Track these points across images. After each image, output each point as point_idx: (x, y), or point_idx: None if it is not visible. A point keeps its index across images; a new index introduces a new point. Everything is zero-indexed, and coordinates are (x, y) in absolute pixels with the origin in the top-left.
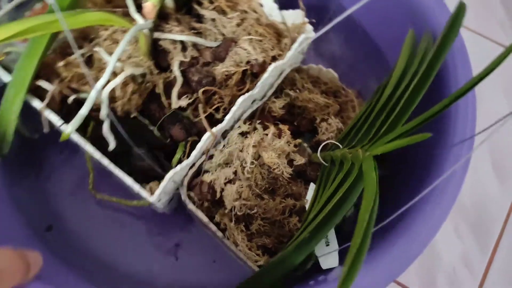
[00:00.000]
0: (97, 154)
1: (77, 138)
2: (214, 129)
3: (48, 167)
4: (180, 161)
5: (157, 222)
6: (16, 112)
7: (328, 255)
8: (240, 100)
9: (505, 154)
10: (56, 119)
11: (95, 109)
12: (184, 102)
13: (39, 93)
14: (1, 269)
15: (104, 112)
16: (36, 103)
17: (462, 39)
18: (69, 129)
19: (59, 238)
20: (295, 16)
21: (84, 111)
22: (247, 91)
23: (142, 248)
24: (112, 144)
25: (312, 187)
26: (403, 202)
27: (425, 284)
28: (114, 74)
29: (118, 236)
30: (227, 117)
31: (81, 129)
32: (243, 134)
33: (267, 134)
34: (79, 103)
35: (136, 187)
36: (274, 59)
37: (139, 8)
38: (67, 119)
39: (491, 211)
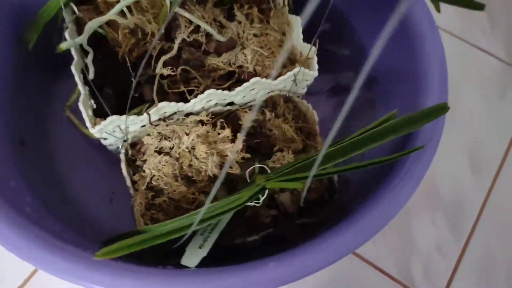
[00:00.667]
0: (78, 78)
1: (74, 51)
2: (165, 103)
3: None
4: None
5: (108, 162)
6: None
7: (194, 255)
8: (209, 91)
9: (480, 147)
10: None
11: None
12: (165, 71)
13: None
14: None
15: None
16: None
17: None
18: (78, 39)
19: (30, 156)
20: (309, 50)
21: (91, 24)
22: (223, 89)
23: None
24: (91, 74)
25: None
26: None
27: (401, 270)
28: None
29: (79, 166)
30: (192, 101)
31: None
32: (201, 123)
33: (219, 134)
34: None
35: (83, 109)
36: (267, 76)
37: None
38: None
39: (466, 203)
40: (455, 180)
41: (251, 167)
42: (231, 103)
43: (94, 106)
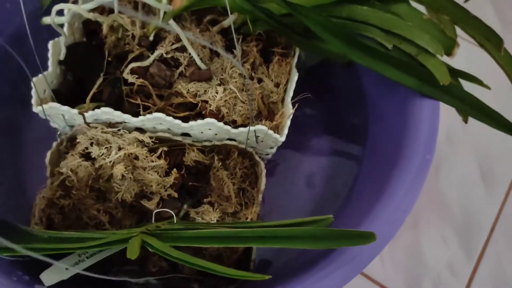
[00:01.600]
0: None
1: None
2: (107, 109)
3: None
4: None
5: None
6: None
7: (56, 273)
8: (157, 115)
9: (492, 161)
10: None
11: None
12: (130, 78)
13: None
14: None
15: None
16: None
17: None
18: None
19: None
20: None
21: (74, 8)
22: (178, 118)
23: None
24: (61, 55)
25: None
26: None
27: None
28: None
29: None
30: (140, 117)
31: None
32: (141, 143)
33: (152, 161)
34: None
35: (34, 85)
36: (233, 122)
37: None
38: None
39: (478, 218)
40: (466, 194)
41: (175, 208)
42: (187, 134)
43: (52, 88)
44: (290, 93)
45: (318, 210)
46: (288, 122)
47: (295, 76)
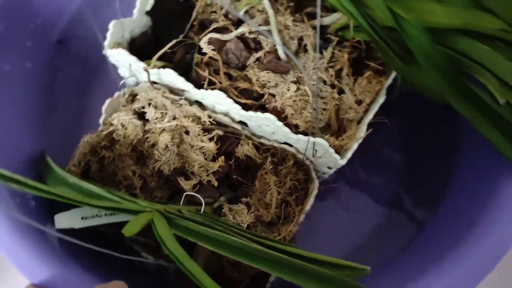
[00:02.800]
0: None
1: None
2: (170, 72)
3: None
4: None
5: None
6: None
7: (70, 219)
8: (217, 93)
9: None
10: None
11: None
12: (206, 48)
13: None
14: None
15: None
16: None
17: None
18: None
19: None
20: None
21: None
22: (238, 103)
23: None
24: (148, 6)
25: None
26: None
27: None
28: None
29: None
30: (201, 91)
31: None
32: (196, 119)
33: (203, 141)
34: None
35: (112, 27)
36: (295, 127)
37: None
38: None
39: None
40: None
41: (210, 197)
42: (245, 124)
43: (131, 36)
44: (370, 115)
45: (356, 256)
46: (355, 146)
47: (381, 98)
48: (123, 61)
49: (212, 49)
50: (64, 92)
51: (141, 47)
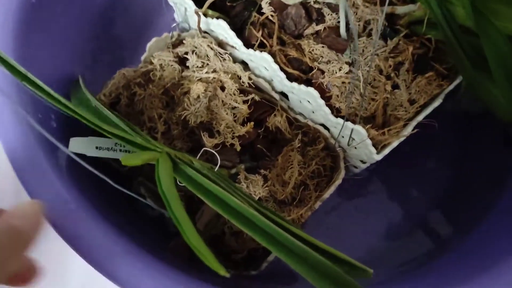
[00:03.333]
0: None
1: None
2: (222, 23)
3: None
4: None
5: None
6: None
7: (84, 144)
8: (264, 54)
9: None
10: None
11: None
12: (266, 7)
13: None
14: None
15: None
16: None
17: None
18: None
19: None
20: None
21: None
22: (284, 71)
23: None
24: None
25: None
26: None
27: None
28: None
29: None
30: (248, 50)
31: None
32: (236, 78)
33: (237, 102)
34: None
35: None
36: (337, 110)
37: None
38: None
39: None
40: None
41: (230, 161)
42: (286, 97)
43: None
44: (420, 117)
45: (368, 260)
46: (395, 144)
47: (437, 102)
48: (180, 3)
49: (272, 10)
50: (116, 26)
51: None
